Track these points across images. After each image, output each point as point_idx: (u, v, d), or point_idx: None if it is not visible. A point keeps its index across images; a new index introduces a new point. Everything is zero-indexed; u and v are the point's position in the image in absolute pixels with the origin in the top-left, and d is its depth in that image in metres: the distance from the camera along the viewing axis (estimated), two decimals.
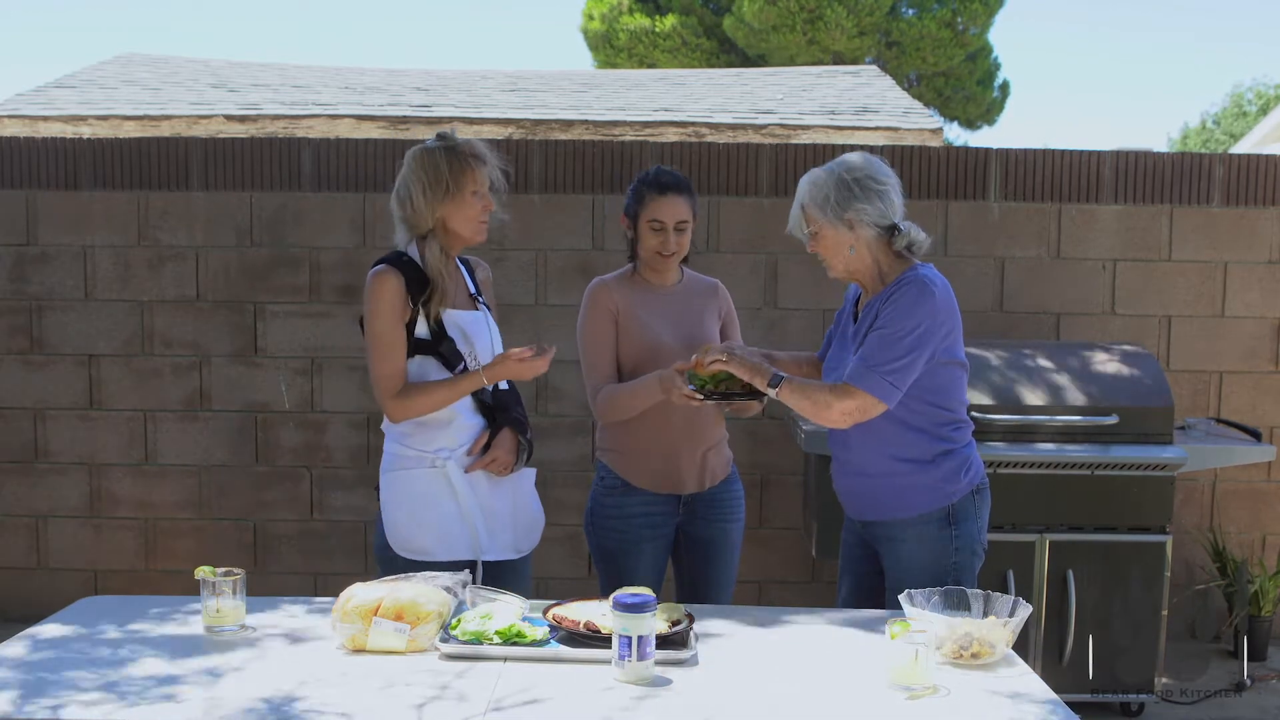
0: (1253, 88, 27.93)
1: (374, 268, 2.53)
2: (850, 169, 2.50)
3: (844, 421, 2.44)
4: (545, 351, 2.52)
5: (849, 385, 2.41)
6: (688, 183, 2.79)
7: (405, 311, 2.50)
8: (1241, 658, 4.04)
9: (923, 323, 2.40)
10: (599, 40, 16.05)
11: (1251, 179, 4.34)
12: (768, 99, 8.62)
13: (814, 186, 2.52)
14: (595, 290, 2.83)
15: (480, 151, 2.55)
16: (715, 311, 2.89)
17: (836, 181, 2.49)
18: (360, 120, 7.75)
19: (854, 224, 2.48)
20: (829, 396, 2.42)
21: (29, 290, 4.43)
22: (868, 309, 2.52)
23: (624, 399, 2.71)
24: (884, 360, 2.38)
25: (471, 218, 2.53)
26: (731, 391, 2.59)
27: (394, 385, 2.50)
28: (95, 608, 2.36)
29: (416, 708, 1.80)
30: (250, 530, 4.47)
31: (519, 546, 2.67)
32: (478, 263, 2.79)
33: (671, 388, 2.56)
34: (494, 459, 2.57)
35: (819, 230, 2.52)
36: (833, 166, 2.54)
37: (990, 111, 16.44)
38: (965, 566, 2.53)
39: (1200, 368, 4.39)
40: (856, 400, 2.39)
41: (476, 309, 2.65)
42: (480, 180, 2.53)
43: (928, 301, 2.42)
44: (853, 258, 2.51)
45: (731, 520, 2.88)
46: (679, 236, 2.75)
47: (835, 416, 2.43)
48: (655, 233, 2.74)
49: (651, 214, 2.73)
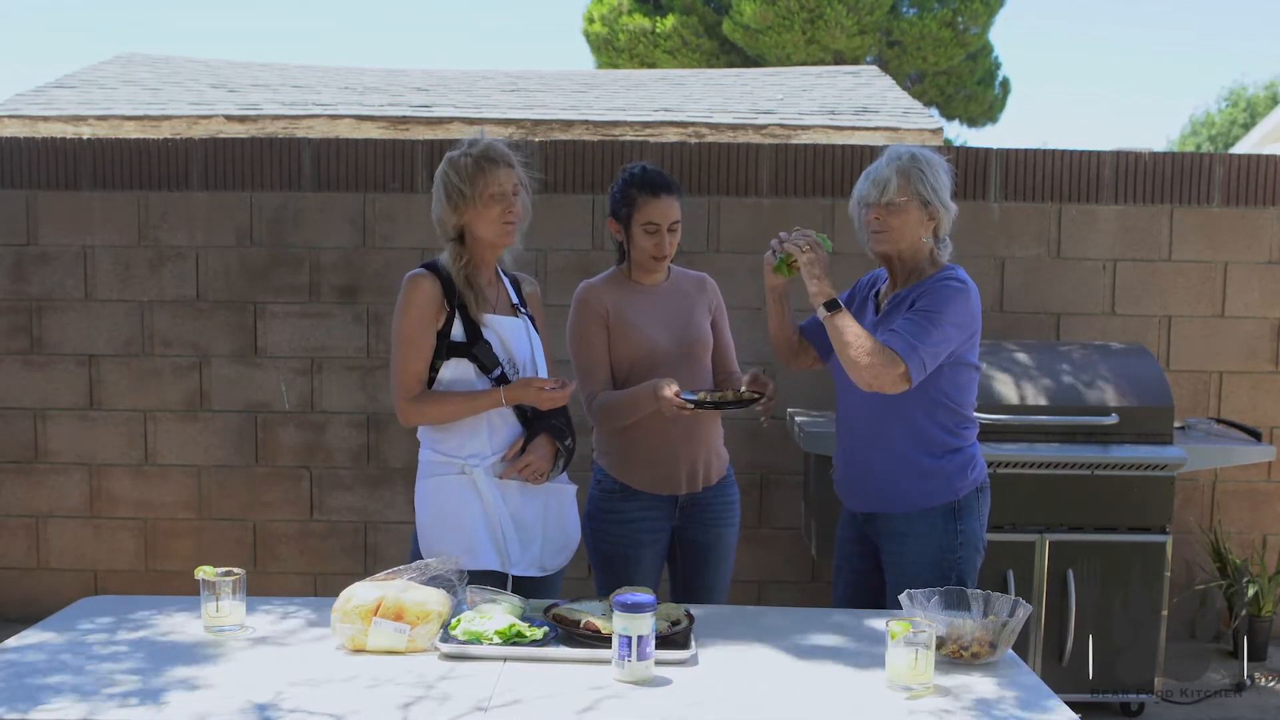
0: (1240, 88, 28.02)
1: (408, 275, 2.52)
2: (946, 167, 2.55)
3: (869, 379, 2.38)
4: (565, 385, 2.50)
5: (895, 354, 2.37)
6: (676, 181, 2.78)
7: (438, 316, 2.48)
8: (1241, 658, 4.04)
9: (959, 319, 2.43)
10: (600, 42, 16.04)
11: (1251, 179, 4.34)
12: (768, 99, 8.62)
13: (929, 166, 2.51)
14: (584, 295, 2.80)
15: (498, 154, 2.49)
16: (705, 306, 2.88)
17: (945, 172, 2.53)
18: (360, 120, 7.75)
19: (940, 218, 2.52)
20: (873, 348, 2.37)
21: (29, 290, 4.43)
22: (896, 299, 2.53)
23: (619, 408, 2.70)
24: (926, 341, 2.39)
25: (492, 220, 2.48)
26: (724, 401, 2.61)
27: (411, 388, 2.49)
28: (95, 608, 2.36)
29: (408, 708, 1.80)
30: (250, 530, 4.47)
31: (544, 564, 2.59)
32: (525, 278, 2.76)
33: (663, 398, 2.56)
34: (527, 464, 2.51)
35: (907, 205, 2.49)
36: (939, 157, 2.55)
37: (991, 111, 16.42)
38: (968, 562, 2.54)
39: (1200, 368, 4.39)
40: (898, 370, 2.36)
41: (518, 317, 2.62)
42: (499, 182, 2.46)
43: (966, 300, 2.46)
44: (919, 245, 2.53)
45: (726, 525, 2.87)
46: (673, 237, 2.74)
47: (864, 371, 2.37)
48: (650, 235, 2.71)
49: (645, 217, 2.70)
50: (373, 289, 4.37)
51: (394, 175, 4.35)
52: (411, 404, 2.50)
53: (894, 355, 2.36)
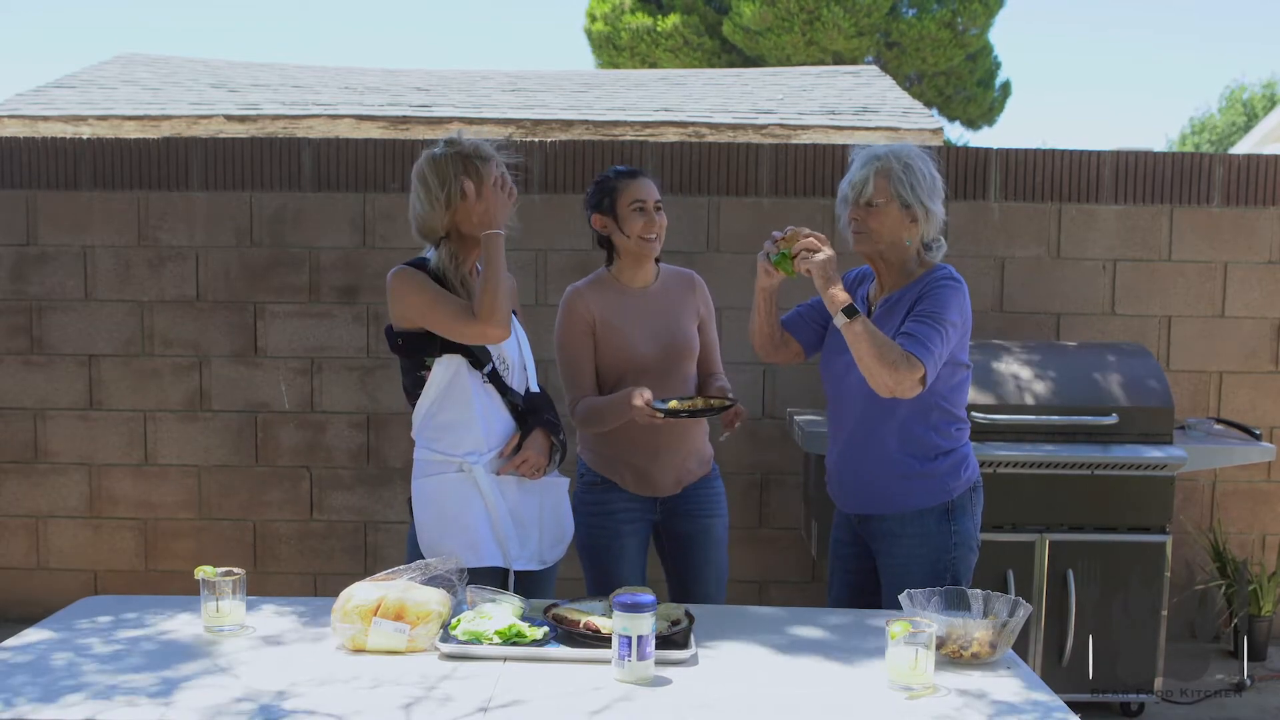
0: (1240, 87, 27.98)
1: (392, 271, 2.50)
2: (934, 167, 2.51)
3: (891, 384, 2.32)
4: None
5: (915, 358, 2.32)
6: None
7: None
8: (1241, 658, 4.04)
9: (957, 318, 2.43)
10: (602, 40, 16.04)
11: (1251, 179, 4.34)
12: (768, 99, 8.62)
13: (909, 163, 2.47)
14: (571, 300, 2.81)
15: (486, 152, 2.50)
16: (693, 310, 2.87)
17: (929, 170, 2.48)
18: (360, 120, 7.75)
19: (923, 219, 2.48)
20: (895, 354, 2.31)
21: (29, 290, 4.43)
22: (889, 302, 2.51)
23: (600, 414, 2.72)
24: (937, 343, 2.37)
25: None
26: (694, 410, 2.63)
27: (465, 310, 2.42)
28: (95, 608, 2.35)
29: (409, 708, 1.80)
30: (250, 530, 4.47)
31: (543, 557, 2.62)
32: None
33: (634, 407, 2.58)
34: (525, 459, 2.52)
35: (887, 205, 2.47)
36: (924, 155, 2.51)
37: (991, 111, 16.42)
38: (963, 561, 2.53)
39: (1200, 368, 4.39)
40: (918, 373, 2.32)
41: None
42: (486, 178, 2.47)
43: (963, 298, 2.45)
44: (901, 245, 2.50)
45: (711, 515, 2.88)
46: (660, 219, 2.75)
47: (888, 378, 2.31)
48: (639, 213, 2.72)
49: (631, 195, 2.72)
50: (373, 289, 4.37)
51: (394, 175, 4.35)
52: (476, 320, 2.41)
53: (915, 360, 2.32)
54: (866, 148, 2.55)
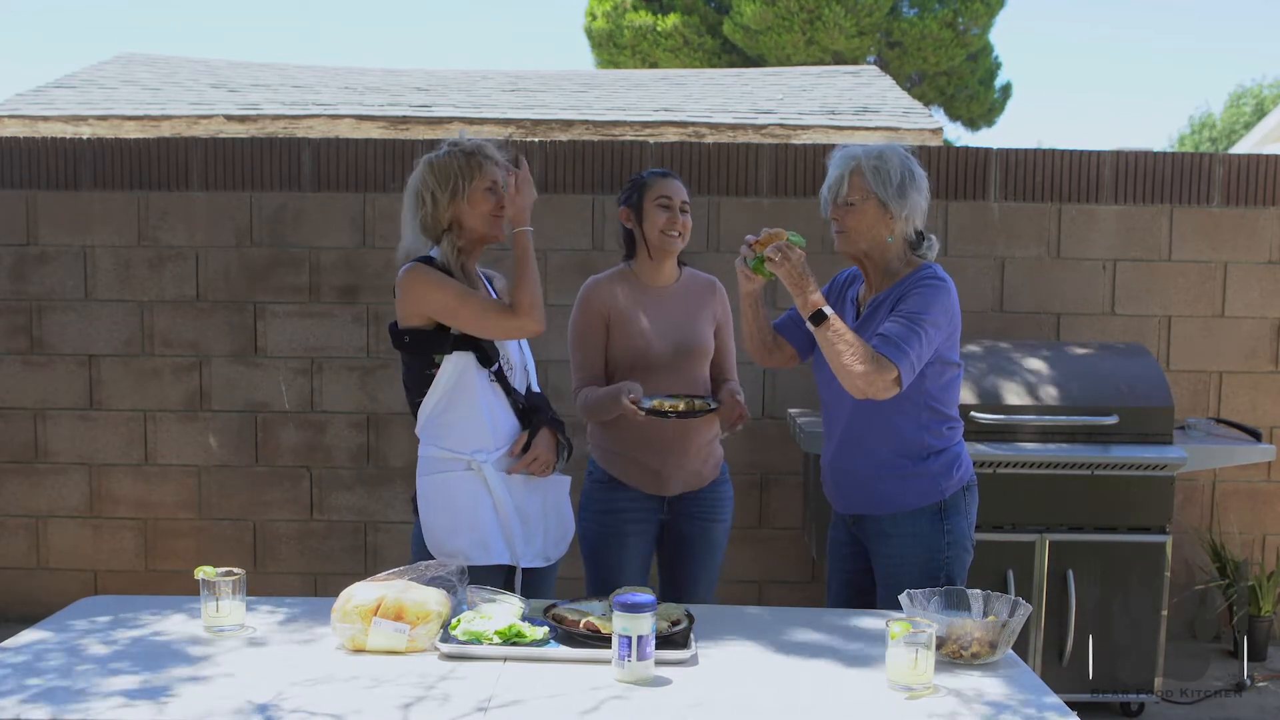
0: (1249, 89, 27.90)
1: (404, 267, 2.52)
2: (913, 162, 2.50)
3: (863, 386, 2.33)
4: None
5: (886, 359, 2.33)
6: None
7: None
8: (1241, 658, 4.04)
9: (940, 319, 2.41)
10: (602, 38, 16.04)
11: (1251, 179, 4.34)
12: (768, 99, 8.62)
13: (881, 161, 2.46)
14: (589, 290, 2.85)
15: (492, 152, 2.56)
16: (710, 314, 2.89)
17: (905, 167, 2.47)
18: (360, 120, 7.75)
19: (900, 214, 2.47)
20: (865, 355, 2.31)
21: (29, 290, 4.43)
22: (875, 303, 2.51)
23: (597, 404, 2.75)
24: (914, 344, 2.36)
25: (485, 213, 2.53)
26: (680, 411, 2.64)
27: (496, 304, 2.50)
28: (95, 608, 2.35)
29: (409, 708, 1.80)
30: (250, 530, 4.47)
31: (548, 554, 2.64)
32: (496, 274, 2.78)
33: (620, 404, 2.61)
34: (535, 458, 2.54)
35: (863, 203, 2.47)
36: (899, 150, 2.50)
37: (992, 112, 16.42)
38: (956, 561, 2.53)
39: (1200, 368, 4.39)
40: (891, 375, 2.32)
41: None
42: (492, 176, 2.53)
43: (946, 298, 2.44)
44: (883, 244, 2.49)
45: (715, 520, 2.89)
46: (685, 219, 2.80)
47: (859, 380, 2.32)
48: (664, 209, 2.77)
49: (658, 192, 2.78)
50: (373, 289, 4.37)
51: (394, 175, 4.35)
52: (518, 316, 2.47)
53: (886, 361, 2.33)
54: (844, 148, 2.56)
